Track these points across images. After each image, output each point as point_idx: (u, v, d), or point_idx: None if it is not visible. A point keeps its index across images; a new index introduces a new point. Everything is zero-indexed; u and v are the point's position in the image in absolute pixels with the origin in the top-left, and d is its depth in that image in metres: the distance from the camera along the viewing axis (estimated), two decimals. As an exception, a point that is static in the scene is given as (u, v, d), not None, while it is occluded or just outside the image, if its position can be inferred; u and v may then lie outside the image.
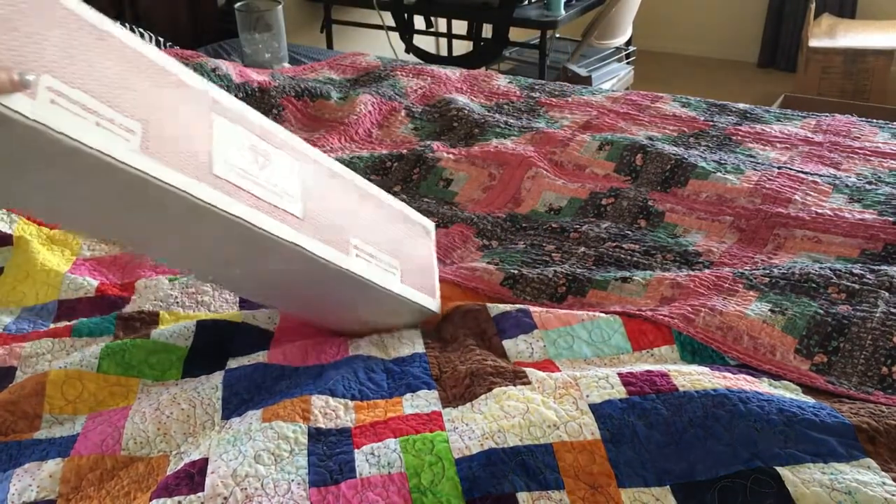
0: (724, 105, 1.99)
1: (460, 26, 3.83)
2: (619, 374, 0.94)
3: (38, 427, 0.98)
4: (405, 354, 1.07)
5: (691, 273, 1.24)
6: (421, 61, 3.12)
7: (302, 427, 0.89)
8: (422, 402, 0.95)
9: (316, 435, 0.88)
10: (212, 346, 1.10)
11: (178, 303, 1.22)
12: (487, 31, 3.42)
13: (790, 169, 1.60)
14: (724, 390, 0.89)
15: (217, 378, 1.03)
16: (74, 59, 0.71)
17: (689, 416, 0.86)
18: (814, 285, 1.18)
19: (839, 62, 3.76)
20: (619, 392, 0.90)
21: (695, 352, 1.07)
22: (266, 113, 1.92)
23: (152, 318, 1.18)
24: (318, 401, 0.93)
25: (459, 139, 1.84)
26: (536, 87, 2.14)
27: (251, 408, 0.97)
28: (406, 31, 3.34)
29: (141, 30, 2.40)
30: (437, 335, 1.13)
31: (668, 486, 0.81)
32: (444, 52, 4.12)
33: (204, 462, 0.85)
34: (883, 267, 1.22)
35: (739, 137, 1.78)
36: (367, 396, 0.97)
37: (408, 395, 0.97)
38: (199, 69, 1.97)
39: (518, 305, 1.14)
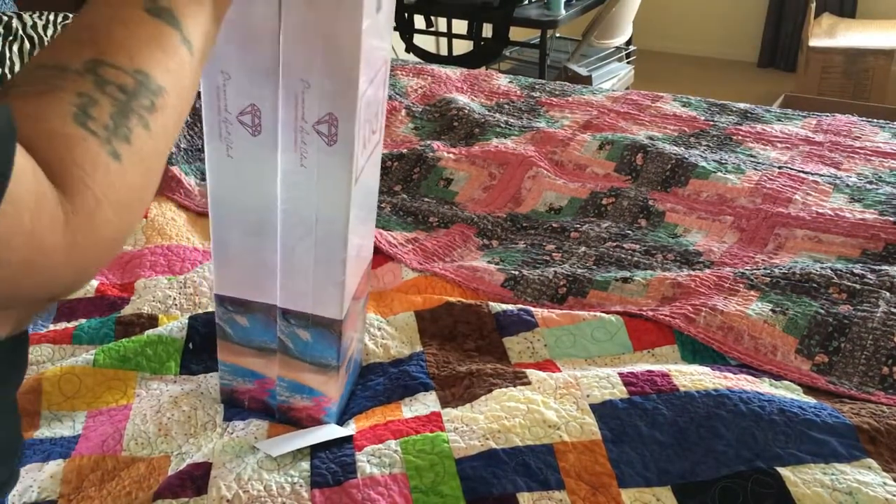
0: (724, 105, 1.98)
1: (460, 26, 3.82)
2: (620, 374, 0.94)
3: (37, 425, 0.98)
4: (404, 356, 1.06)
5: (692, 273, 1.24)
6: (421, 61, 3.12)
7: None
8: (420, 405, 0.94)
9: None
10: (207, 340, 1.09)
11: (176, 304, 1.22)
12: (487, 30, 3.41)
13: (791, 169, 1.60)
14: (726, 390, 0.89)
15: (217, 378, 1.02)
16: None
17: (691, 416, 0.86)
18: (815, 285, 1.17)
19: (839, 62, 3.76)
20: (621, 392, 0.90)
21: (696, 352, 1.07)
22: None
23: (151, 323, 1.17)
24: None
25: (460, 139, 1.84)
26: (537, 86, 2.14)
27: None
28: (406, 30, 3.33)
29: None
30: (436, 326, 1.12)
31: (669, 487, 0.81)
32: (444, 52, 4.11)
33: (207, 465, 0.85)
34: (884, 267, 1.22)
35: (740, 137, 1.78)
36: (364, 406, 0.97)
37: (406, 399, 0.96)
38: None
39: (520, 305, 1.14)
